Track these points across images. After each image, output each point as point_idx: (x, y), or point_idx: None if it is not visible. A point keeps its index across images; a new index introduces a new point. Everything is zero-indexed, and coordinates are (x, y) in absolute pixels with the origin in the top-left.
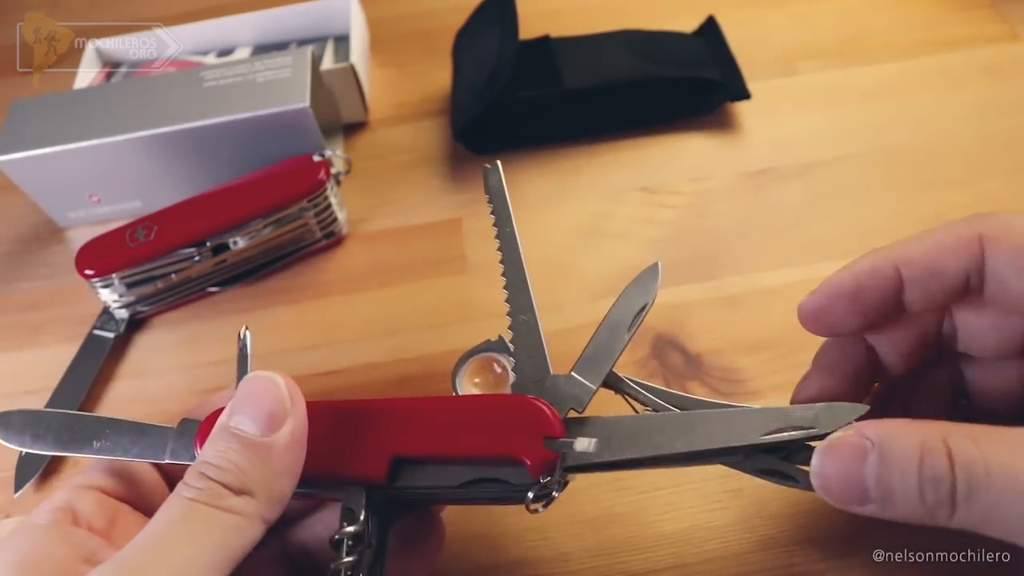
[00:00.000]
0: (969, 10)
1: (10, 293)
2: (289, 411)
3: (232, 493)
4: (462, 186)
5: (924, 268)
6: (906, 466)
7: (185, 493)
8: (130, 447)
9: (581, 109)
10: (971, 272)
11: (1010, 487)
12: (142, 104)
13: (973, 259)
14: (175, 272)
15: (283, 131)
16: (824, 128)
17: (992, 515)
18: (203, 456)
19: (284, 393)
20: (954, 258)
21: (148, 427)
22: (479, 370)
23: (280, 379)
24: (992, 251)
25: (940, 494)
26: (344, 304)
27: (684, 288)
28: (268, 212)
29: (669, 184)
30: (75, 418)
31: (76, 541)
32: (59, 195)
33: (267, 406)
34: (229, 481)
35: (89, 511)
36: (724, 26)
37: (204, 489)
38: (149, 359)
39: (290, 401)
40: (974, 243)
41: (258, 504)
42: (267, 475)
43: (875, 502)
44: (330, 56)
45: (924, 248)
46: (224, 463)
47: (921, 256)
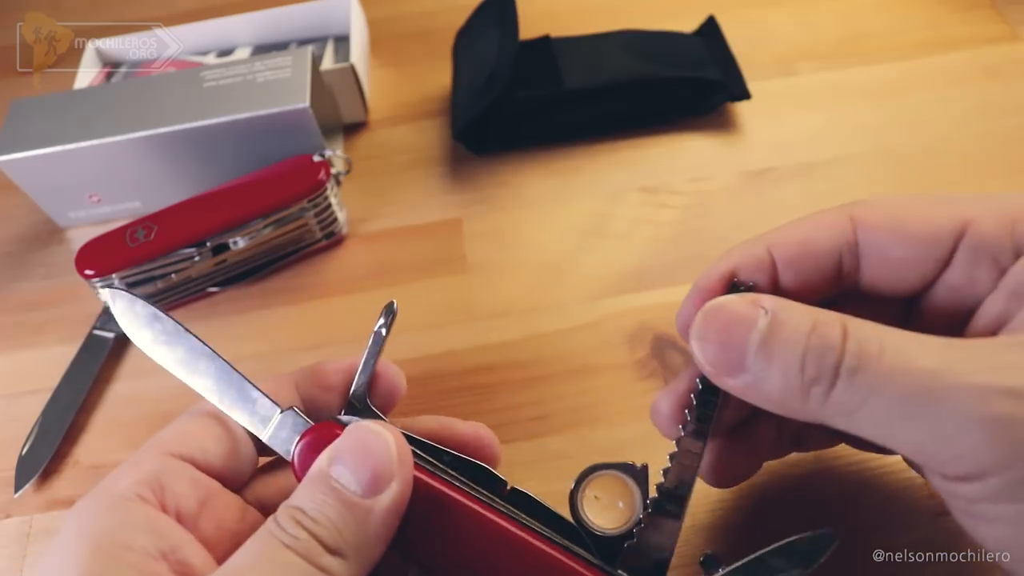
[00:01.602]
0: (969, 10)
1: (10, 293)
2: (395, 475)
3: (327, 552)
4: (462, 186)
5: (796, 247)
6: (794, 334)
7: (281, 537)
8: (234, 405)
9: (581, 109)
10: (843, 251)
11: (901, 368)
12: (142, 104)
13: (844, 236)
14: (175, 272)
15: (283, 131)
16: (824, 128)
17: (869, 402)
18: (299, 501)
19: (393, 454)
20: (825, 236)
21: (258, 394)
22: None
23: (392, 439)
24: (865, 227)
25: (823, 366)
26: (344, 304)
27: (684, 288)
28: (268, 212)
29: (669, 184)
30: (190, 339)
31: (160, 530)
32: (59, 195)
33: (373, 465)
34: (324, 538)
35: (180, 491)
36: (724, 26)
37: (300, 540)
38: (149, 359)
39: (398, 464)
40: (845, 222)
41: (348, 567)
42: (362, 540)
43: (750, 372)
44: (330, 56)
45: (796, 230)
46: (321, 518)
47: (793, 237)
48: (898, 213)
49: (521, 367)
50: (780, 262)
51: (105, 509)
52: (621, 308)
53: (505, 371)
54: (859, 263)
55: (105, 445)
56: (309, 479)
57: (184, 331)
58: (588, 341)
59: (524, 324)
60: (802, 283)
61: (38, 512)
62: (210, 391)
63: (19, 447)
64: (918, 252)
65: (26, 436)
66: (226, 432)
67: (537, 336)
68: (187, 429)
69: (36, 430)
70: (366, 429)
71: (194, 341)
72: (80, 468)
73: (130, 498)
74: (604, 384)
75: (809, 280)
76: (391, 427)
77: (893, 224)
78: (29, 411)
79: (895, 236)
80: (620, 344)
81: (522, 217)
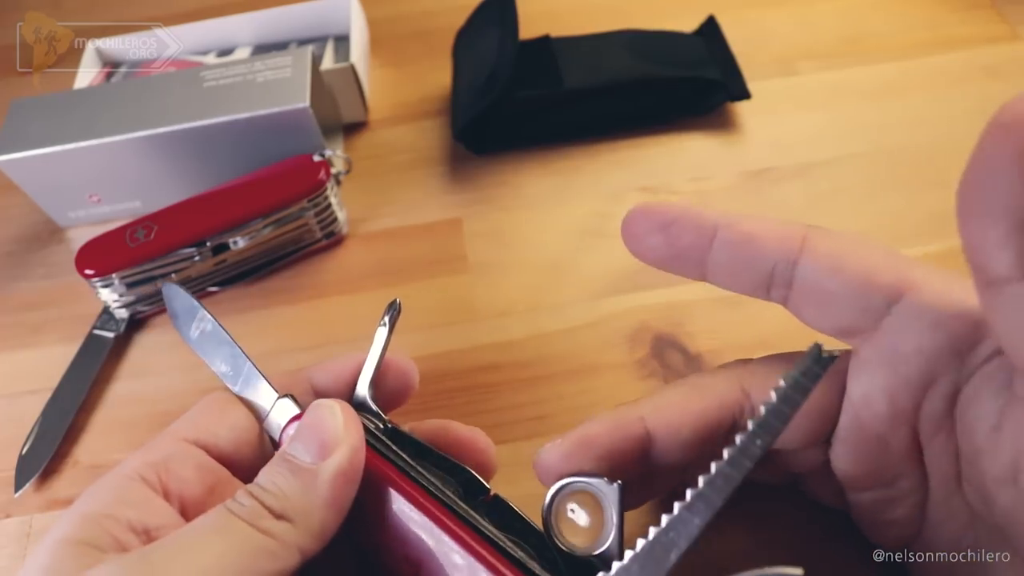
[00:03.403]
0: (969, 10)
1: (10, 293)
2: (341, 441)
3: (272, 516)
4: (462, 186)
5: (741, 235)
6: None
7: (231, 506)
8: (243, 391)
9: (581, 109)
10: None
11: None
12: (142, 104)
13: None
14: (175, 272)
15: (283, 131)
16: (824, 128)
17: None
18: (257, 478)
19: (339, 421)
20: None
21: (262, 382)
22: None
23: (338, 408)
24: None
25: None
26: (344, 304)
27: (684, 288)
28: (268, 212)
29: (669, 184)
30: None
31: (152, 510)
32: (59, 195)
33: (320, 435)
34: (270, 503)
35: (186, 476)
36: (724, 26)
37: (246, 506)
38: (149, 359)
39: (343, 430)
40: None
41: (296, 532)
42: (307, 503)
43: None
44: (330, 56)
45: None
46: (270, 485)
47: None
48: (846, 250)
49: (521, 367)
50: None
51: (108, 487)
52: (621, 308)
53: (505, 371)
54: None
55: (105, 445)
56: (271, 460)
57: (212, 318)
58: (588, 341)
59: (524, 324)
60: (734, 273)
61: (38, 512)
62: (227, 376)
63: (19, 447)
64: (851, 297)
65: (26, 436)
66: (241, 420)
67: (537, 336)
68: (204, 416)
69: (36, 430)
70: (316, 405)
71: (218, 328)
72: (80, 468)
73: (132, 477)
74: (604, 384)
75: (741, 273)
76: (341, 402)
77: (836, 259)
78: (29, 411)
79: (833, 272)
80: (620, 344)
81: (522, 217)
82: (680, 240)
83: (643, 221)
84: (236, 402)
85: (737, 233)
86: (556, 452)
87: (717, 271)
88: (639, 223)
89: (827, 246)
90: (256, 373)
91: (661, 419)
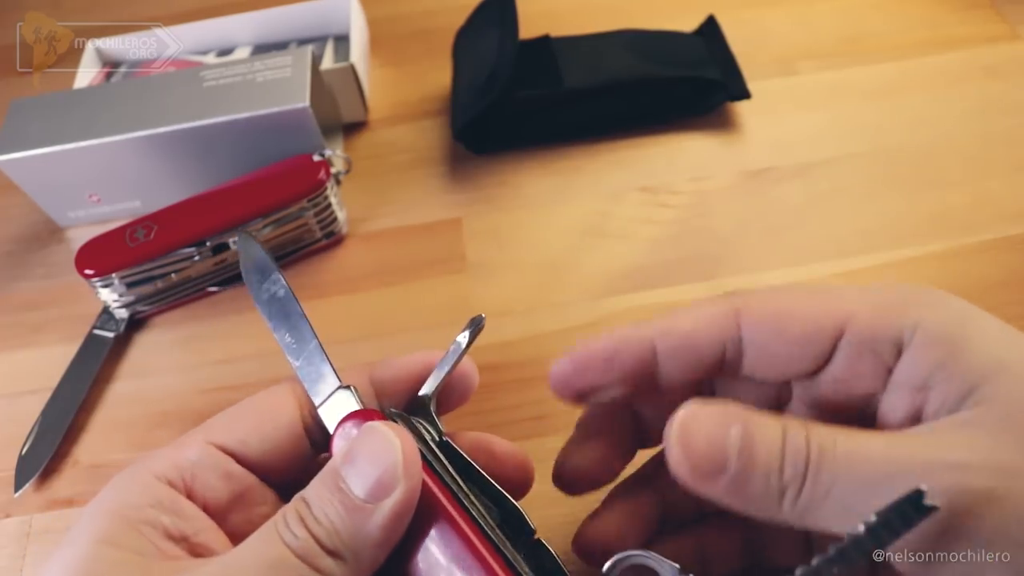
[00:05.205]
0: (969, 10)
1: (10, 293)
2: (399, 482)
3: (325, 553)
4: (462, 186)
5: (680, 339)
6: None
7: (283, 534)
8: (302, 369)
9: (581, 109)
10: (727, 344)
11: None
12: (142, 104)
13: (729, 332)
14: (175, 272)
15: (283, 131)
16: (824, 128)
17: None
18: (308, 493)
19: (398, 460)
20: (709, 330)
21: (327, 368)
22: None
23: (399, 445)
24: (748, 323)
25: (797, 467)
26: (344, 304)
27: (684, 288)
28: (268, 212)
29: (669, 184)
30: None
31: (184, 514)
32: (59, 195)
33: (378, 470)
34: (323, 539)
35: (211, 483)
36: (724, 26)
37: (300, 540)
38: (149, 359)
39: (403, 471)
40: (730, 317)
41: (346, 569)
42: (360, 544)
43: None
44: (330, 56)
45: (681, 321)
46: (323, 517)
47: (677, 329)
48: (780, 310)
49: (521, 367)
50: (662, 353)
51: (136, 486)
52: (621, 308)
53: (505, 371)
54: (742, 354)
55: (105, 445)
56: (324, 471)
57: (285, 284)
58: None
59: (524, 324)
60: (683, 372)
61: (38, 512)
62: (290, 348)
63: (19, 447)
64: (799, 350)
65: (26, 436)
66: (273, 428)
67: (537, 336)
68: (238, 422)
69: (36, 430)
70: (376, 430)
71: (291, 296)
72: (80, 468)
73: (159, 477)
74: None
75: (690, 369)
76: (403, 432)
77: (775, 323)
78: (29, 411)
79: (776, 334)
80: None
81: (522, 217)
82: (627, 367)
83: (583, 367)
84: (275, 409)
85: (675, 337)
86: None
87: (671, 377)
88: (578, 372)
89: (761, 311)
90: (321, 354)
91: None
